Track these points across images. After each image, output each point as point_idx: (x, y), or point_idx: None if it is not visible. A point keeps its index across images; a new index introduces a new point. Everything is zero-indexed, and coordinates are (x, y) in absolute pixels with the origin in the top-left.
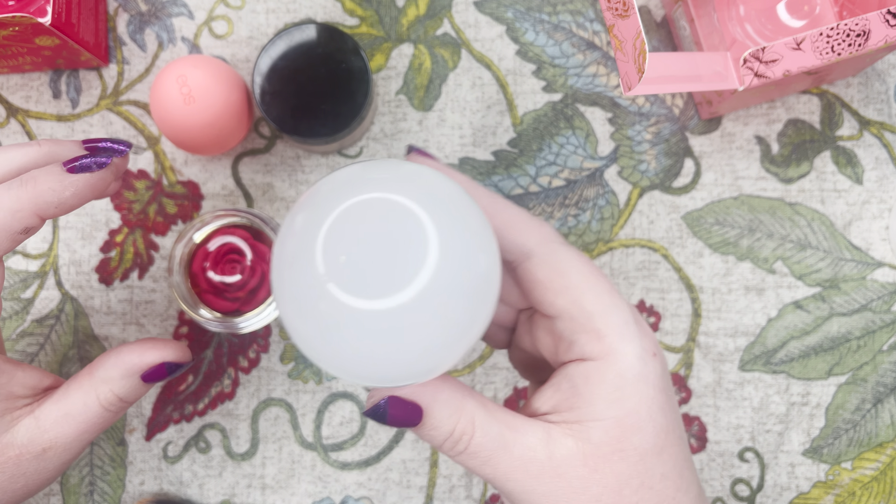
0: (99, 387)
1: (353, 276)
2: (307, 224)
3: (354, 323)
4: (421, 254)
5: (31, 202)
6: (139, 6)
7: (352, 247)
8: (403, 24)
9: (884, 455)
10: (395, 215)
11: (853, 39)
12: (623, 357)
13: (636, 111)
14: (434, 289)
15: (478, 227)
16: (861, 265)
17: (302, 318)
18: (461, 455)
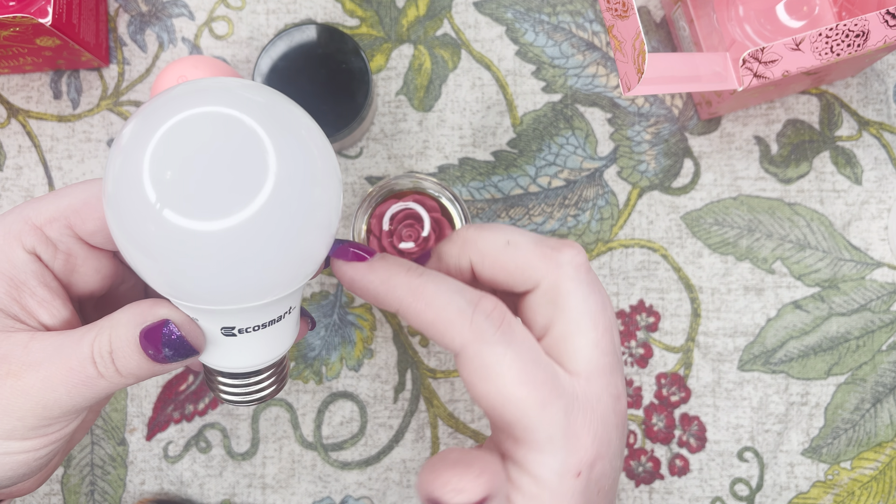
0: (103, 327)
1: (183, 196)
2: (135, 136)
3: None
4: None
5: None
6: (140, 7)
7: (182, 163)
8: (403, 25)
9: (883, 455)
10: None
11: (852, 40)
12: (538, 470)
13: (636, 112)
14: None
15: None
16: (860, 265)
17: (133, 243)
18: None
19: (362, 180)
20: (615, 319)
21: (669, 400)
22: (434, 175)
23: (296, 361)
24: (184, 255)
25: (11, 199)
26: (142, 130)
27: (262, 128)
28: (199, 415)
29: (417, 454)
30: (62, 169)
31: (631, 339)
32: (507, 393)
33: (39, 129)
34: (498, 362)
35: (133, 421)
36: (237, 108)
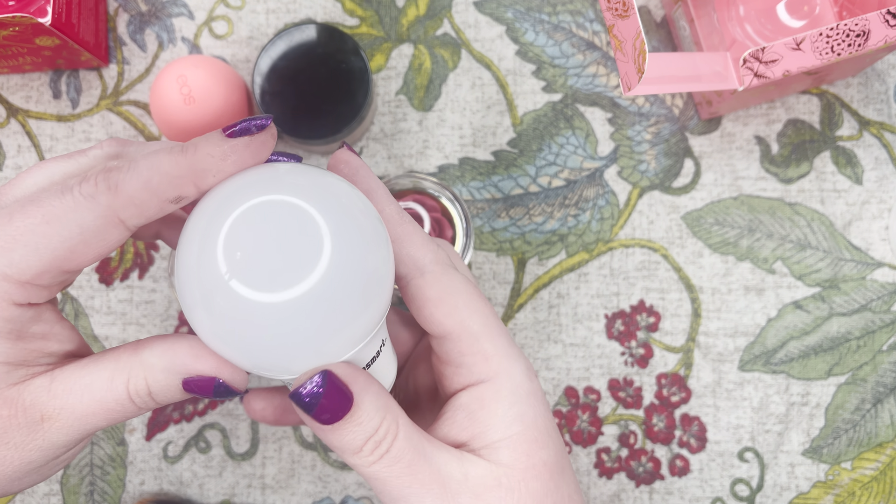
0: (135, 369)
1: (250, 272)
2: (208, 226)
3: (251, 314)
4: (314, 251)
5: (188, 168)
6: (139, 6)
7: (249, 245)
8: (403, 25)
9: (883, 455)
10: (292, 216)
11: (853, 40)
12: (513, 376)
13: (636, 111)
14: (325, 283)
15: (371, 230)
16: (861, 265)
17: (208, 315)
18: (381, 459)
19: None
20: None
21: (670, 400)
22: (434, 175)
23: None
24: (253, 326)
25: None
26: (211, 223)
27: (315, 209)
28: (199, 415)
29: None
30: None
31: (631, 339)
32: (472, 306)
33: (39, 128)
34: (461, 282)
35: (132, 421)
36: (292, 194)
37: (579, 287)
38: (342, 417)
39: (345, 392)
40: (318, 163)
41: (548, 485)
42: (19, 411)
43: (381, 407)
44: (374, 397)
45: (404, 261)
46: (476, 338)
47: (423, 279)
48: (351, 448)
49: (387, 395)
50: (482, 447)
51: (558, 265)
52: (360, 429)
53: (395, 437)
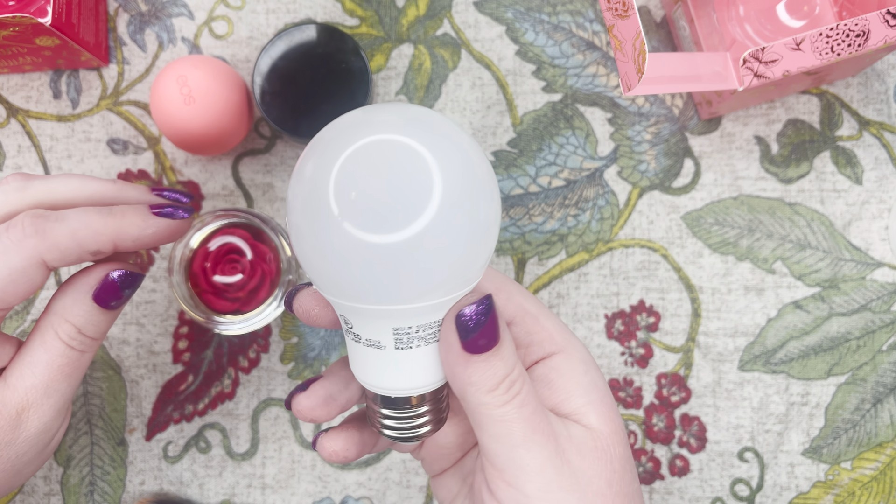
0: (55, 321)
1: (364, 213)
2: (320, 163)
3: (368, 255)
4: (426, 191)
5: (114, 230)
6: (139, 6)
7: (361, 185)
8: (403, 25)
9: (883, 455)
10: (401, 156)
11: (853, 40)
12: (578, 347)
13: (636, 111)
14: (437, 225)
15: (484, 175)
16: (860, 265)
17: (321, 256)
18: (514, 400)
19: None
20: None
21: (670, 400)
22: None
23: (295, 361)
24: (366, 265)
25: None
26: (322, 162)
27: (428, 150)
28: (199, 415)
29: None
30: (61, 169)
31: (631, 339)
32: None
33: (39, 128)
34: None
35: (132, 421)
36: (403, 133)
37: (579, 287)
38: (492, 348)
39: (498, 322)
40: None
41: (627, 451)
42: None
43: (514, 350)
44: (510, 338)
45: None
46: (536, 318)
47: None
48: (490, 384)
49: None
50: (569, 412)
51: (558, 265)
52: (502, 363)
53: (525, 381)
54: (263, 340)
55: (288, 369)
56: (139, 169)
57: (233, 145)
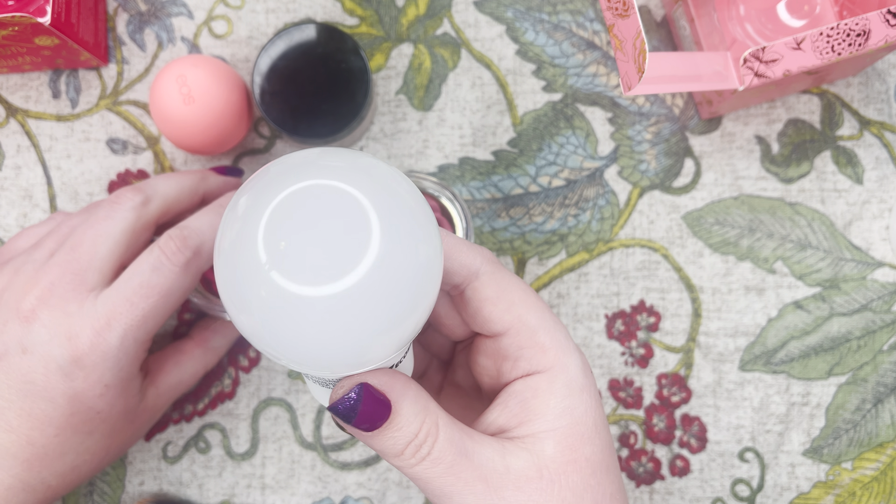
0: (209, 356)
1: (294, 263)
2: (250, 208)
3: (295, 309)
4: (363, 241)
5: None
6: (139, 6)
7: (293, 233)
8: (403, 24)
9: (884, 455)
10: (339, 203)
11: (853, 39)
12: (569, 369)
13: (636, 111)
14: (375, 276)
15: (422, 219)
16: (861, 265)
17: (245, 306)
18: (423, 462)
19: None
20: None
21: (670, 400)
22: (434, 175)
23: None
24: (293, 319)
25: (10, 198)
26: (255, 204)
27: (363, 194)
28: (199, 415)
29: None
30: (61, 168)
31: (631, 339)
32: (528, 302)
33: (38, 128)
34: (513, 279)
35: None
36: (337, 179)
37: (579, 287)
38: (381, 425)
39: (382, 401)
40: None
41: (588, 480)
42: (151, 413)
43: (419, 411)
44: (411, 402)
45: (457, 270)
46: (533, 331)
47: (479, 281)
48: (392, 452)
49: (425, 397)
50: (528, 435)
51: (558, 265)
52: (399, 433)
53: (436, 439)
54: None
55: (288, 369)
56: (138, 169)
57: (232, 145)
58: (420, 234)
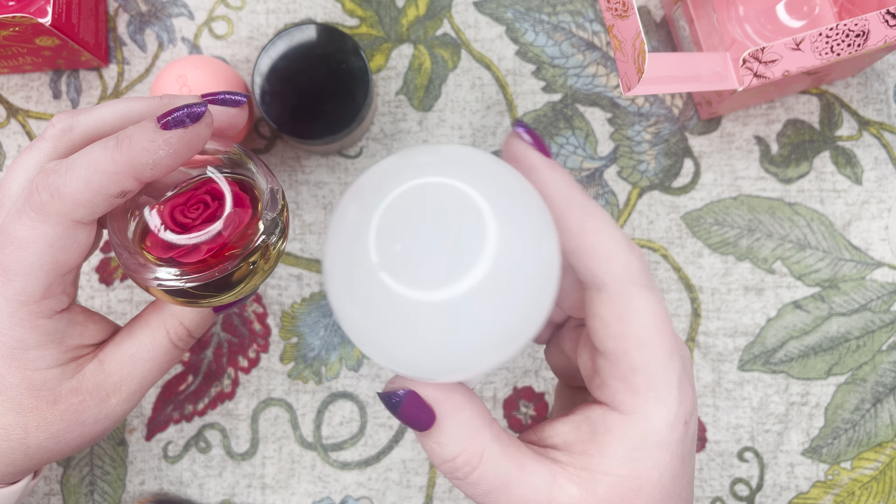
0: (168, 321)
1: (407, 266)
2: (359, 213)
3: (408, 313)
4: (478, 243)
5: (126, 164)
6: (139, 7)
7: (406, 235)
8: (403, 25)
9: (883, 455)
10: (451, 200)
11: (852, 40)
12: (651, 420)
13: (636, 111)
14: (491, 281)
15: (538, 217)
16: (860, 265)
17: (356, 308)
18: (461, 483)
19: None
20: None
21: None
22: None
23: (295, 361)
24: (409, 324)
25: None
26: (364, 207)
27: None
28: (199, 415)
29: (417, 454)
30: None
31: None
32: (644, 338)
33: (39, 128)
34: (642, 306)
35: (132, 421)
36: (456, 177)
37: None
38: (425, 430)
39: (426, 411)
40: (316, 163)
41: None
42: (86, 396)
43: (464, 437)
44: (457, 427)
45: (583, 274)
46: (633, 371)
47: (599, 296)
48: (433, 460)
49: (479, 423)
50: (585, 469)
51: None
52: (439, 448)
53: (475, 467)
54: (263, 340)
55: (288, 369)
56: None
57: None
58: (539, 228)
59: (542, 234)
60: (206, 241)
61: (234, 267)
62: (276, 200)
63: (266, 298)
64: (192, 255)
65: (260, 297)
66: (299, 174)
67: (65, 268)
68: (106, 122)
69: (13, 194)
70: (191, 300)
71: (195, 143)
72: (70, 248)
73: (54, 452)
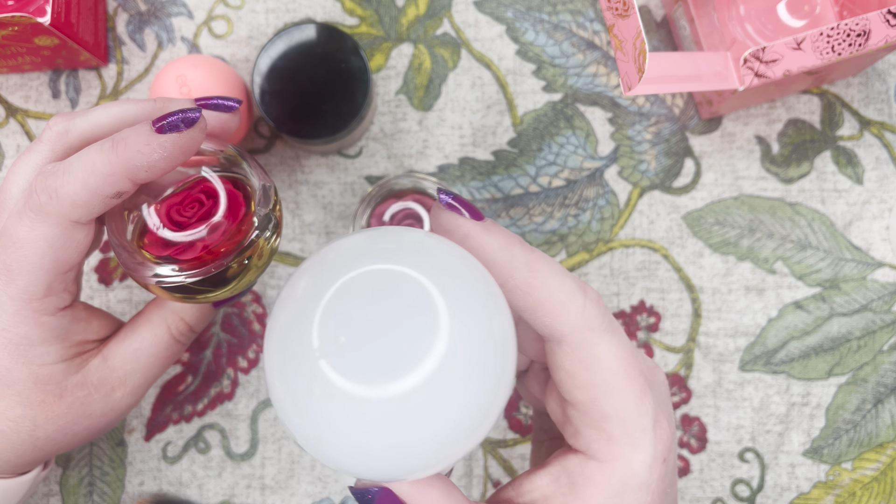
0: (169, 317)
1: (353, 358)
2: (309, 289)
3: (353, 411)
4: (429, 333)
5: (121, 166)
6: (138, 6)
7: (353, 324)
8: (403, 24)
9: (884, 455)
10: (401, 289)
11: (853, 39)
12: (631, 465)
13: (636, 111)
14: (446, 371)
15: (492, 303)
16: (861, 265)
17: (294, 404)
18: None
19: (362, 180)
20: None
21: None
22: (434, 175)
23: None
24: (347, 420)
25: None
26: (315, 284)
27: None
28: (198, 416)
29: None
30: None
31: (631, 339)
32: (612, 384)
33: (38, 128)
34: (605, 353)
35: (132, 422)
36: (410, 265)
37: None
38: None
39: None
40: (316, 162)
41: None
42: (92, 389)
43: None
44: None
45: (540, 329)
46: (605, 419)
47: (560, 348)
48: None
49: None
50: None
51: None
52: None
53: None
54: (263, 341)
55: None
56: None
57: None
58: (489, 321)
59: (493, 310)
60: (201, 237)
61: (230, 262)
62: (269, 197)
63: (265, 298)
64: (188, 252)
65: (259, 297)
66: (299, 174)
67: (65, 266)
68: (101, 124)
69: (13, 197)
70: (188, 296)
71: (189, 147)
72: (69, 247)
73: (62, 444)
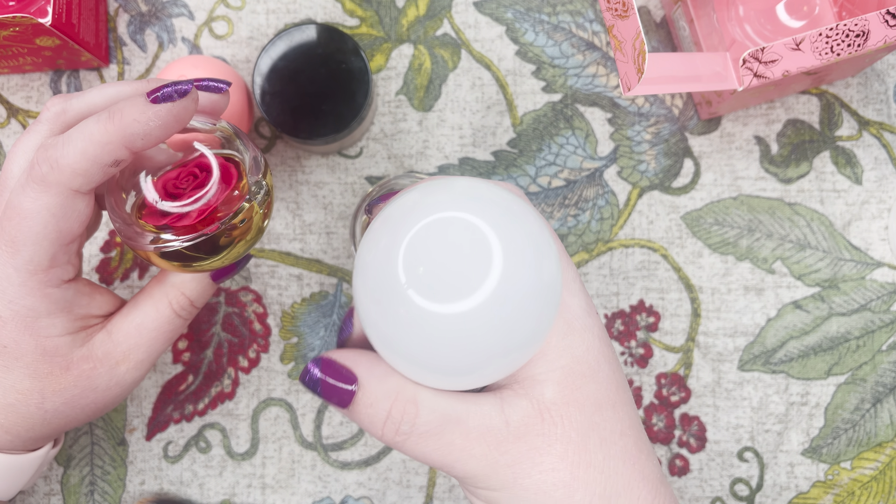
0: (170, 291)
1: (429, 285)
2: (389, 241)
3: (430, 324)
4: (485, 264)
5: (118, 134)
6: (139, 7)
7: (427, 260)
8: (403, 25)
9: (883, 455)
10: (462, 230)
11: (852, 40)
12: (571, 308)
13: (636, 111)
14: (497, 295)
15: (539, 234)
16: (860, 265)
17: (385, 321)
18: (409, 439)
19: (362, 180)
20: None
21: (669, 400)
22: (434, 175)
23: (296, 361)
24: (430, 333)
25: None
26: (394, 236)
27: (489, 226)
28: (199, 415)
29: None
30: None
31: (631, 339)
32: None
33: None
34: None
35: (133, 421)
36: (466, 210)
37: None
38: (350, 398)
39: (346, 376)
40: (316, 163)
41: (592, 418)
42: (97, 363)
43: (391, 388)
44: (379, 380)
45: None
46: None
47: None
48: (373, 431)
49: (397, 375)
50: (527, 378)
51: None
52: (372, 410)
53: (416, 415)
54: (263, 340)
55: (288, 369)
56: None
57: None
58: (543, 251)
59: (543, 253)
60: (196, 207)
61: (224, 226)
62: (259, 165)
63: (266, 298)
64: (183, 220)
65: (260, 296)
66: (299, 174)
67: (68, 237)
68: (97, 104)
69: (14, 176)
70: (185, 264)
71: (182, 116)
72: (71, 216)
73: (70, 418)
